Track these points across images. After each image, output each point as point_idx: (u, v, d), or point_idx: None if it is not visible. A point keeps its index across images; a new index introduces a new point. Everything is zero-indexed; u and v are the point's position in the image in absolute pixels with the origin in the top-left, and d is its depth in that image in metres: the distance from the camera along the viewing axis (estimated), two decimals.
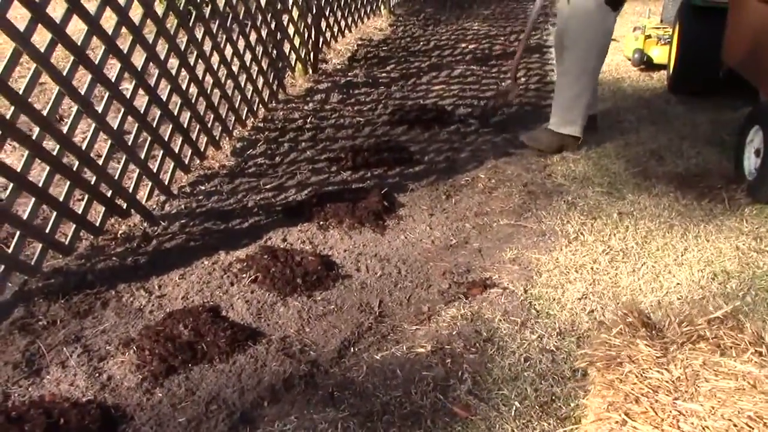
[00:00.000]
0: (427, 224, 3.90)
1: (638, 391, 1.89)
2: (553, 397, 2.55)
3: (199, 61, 4.45)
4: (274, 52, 5.65)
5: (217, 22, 4.68)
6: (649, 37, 6.89)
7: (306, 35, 6.26)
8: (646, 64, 6.81)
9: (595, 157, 4.68)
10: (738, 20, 4.71)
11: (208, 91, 4.55)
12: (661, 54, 6.62)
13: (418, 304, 3.18)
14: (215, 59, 4.67)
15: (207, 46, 4.56)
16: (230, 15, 4.88)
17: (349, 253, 3.60)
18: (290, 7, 5.96)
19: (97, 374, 2.72)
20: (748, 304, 3.14)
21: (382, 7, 8.81)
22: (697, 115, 5.57)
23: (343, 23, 7.55)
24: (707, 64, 5.53)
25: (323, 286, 3.29)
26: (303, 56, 6.24)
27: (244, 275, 3.34)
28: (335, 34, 7.34)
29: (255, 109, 5.29)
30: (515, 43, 7.85)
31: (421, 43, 7.78)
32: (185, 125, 4.29)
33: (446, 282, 3.35)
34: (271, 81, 5.57)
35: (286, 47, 5.96)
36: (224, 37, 4.77)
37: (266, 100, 5.48)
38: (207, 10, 4.55)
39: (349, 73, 6.52)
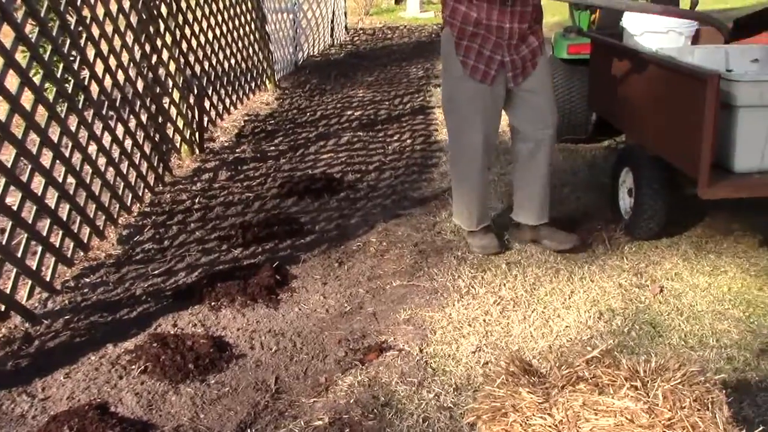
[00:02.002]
0: (321, 293, 3.88)
1: None
2: None
3: (75, 151, 4.35)
4: (157, 135, 5.59)
5: (92, 111, 4.61)
6: None
7: (189, 116, 6.24)
8: None
9: None
10: (598, 70, 4.97)
11: (88, 181, 4.45)
12: None
13: (315, 376, 3.15)
14: (93, 148, 4.59)
15: (83, 135, 4.47)
16: (106, 102, 4.81)
17: (243, 331, 3.53)
18: (170, 90, 5.94)
19: None
20: (633, 338, 3.25)
21: (267, 82, 8.87)
22: (576, 161, 5.82)
23: (228, 101, 7.55)
24: (579, 112, 5.81)
25: (217, 369, 3.21)
26: (188, 137, 6.19)
27: (133, 366, 3.22)
28: (220, 112, 7.33)
29: (140, 194, 5.19)
30: (399, 106, 8.04)
31: (308, 113, 7.87)
32: (64, 218, 4.17)
33: (342, 350, 3.33)
34: (155, 164, 5.49)
35: (170, 129, 5.91)
36: (101, 125, 4.70)
37: (152, 184, 5.39)
38: (80, 99, 4.48)
39: (237, 150, 6.51)
